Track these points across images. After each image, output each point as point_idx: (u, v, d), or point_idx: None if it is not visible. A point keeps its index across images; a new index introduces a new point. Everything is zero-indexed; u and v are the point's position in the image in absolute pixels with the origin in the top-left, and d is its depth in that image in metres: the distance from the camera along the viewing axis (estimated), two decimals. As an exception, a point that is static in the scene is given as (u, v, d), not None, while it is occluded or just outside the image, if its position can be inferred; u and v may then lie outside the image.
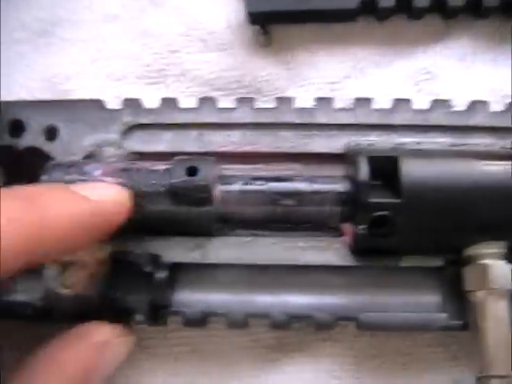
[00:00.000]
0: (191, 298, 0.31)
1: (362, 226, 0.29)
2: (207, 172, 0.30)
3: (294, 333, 0.32)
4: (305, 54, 0.37)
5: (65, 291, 0.31)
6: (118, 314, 0.30)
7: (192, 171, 0.30)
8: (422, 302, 0.31)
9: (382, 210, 0.29)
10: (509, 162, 0.30)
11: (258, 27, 0.37)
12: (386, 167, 0.30)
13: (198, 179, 0.30)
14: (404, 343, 0.32)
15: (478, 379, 0.29)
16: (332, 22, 0.37)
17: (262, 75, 0.36)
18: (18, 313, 0.31)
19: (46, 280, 0.31)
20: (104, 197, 0.27)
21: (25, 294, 0.31)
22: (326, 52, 0.37)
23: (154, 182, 0.30)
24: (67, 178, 0.31)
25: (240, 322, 0.30)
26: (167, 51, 0.37)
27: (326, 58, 0.37)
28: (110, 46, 0.37)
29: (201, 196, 0.30)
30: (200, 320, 0.30)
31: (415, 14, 0.36)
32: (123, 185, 0.30)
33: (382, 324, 0.30)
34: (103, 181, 0.30)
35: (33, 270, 0.30)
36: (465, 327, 0.30)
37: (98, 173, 0.31)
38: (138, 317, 0.30)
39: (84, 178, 0.31)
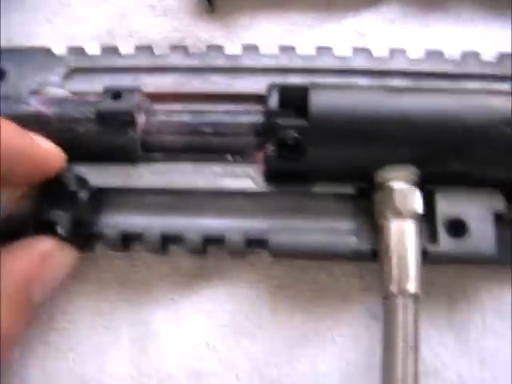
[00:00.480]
0: (114, 220, 0.32)
1: (271, 148, 0.31)
2: (131, 98, 0.32)
3: (212, 260, 0.33)
4: (245, 18, 0.40)
5: None
6: (43, 229, 0.31)
7: (116, 96, 0.32)
8: (335, 229, 0.32)
9: (291, 133, 0.31)
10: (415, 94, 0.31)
11: (202, -5, 0.40)
12: (297, 97, 0.31)
13: (122, 103, 0.32)
14: (320, 274, 0.33)
15: (384, 298, 0.29)
16: (271, -9, 0.40)
17: (204, 37, 0.39)
18: None
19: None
20: (44, 143, 0.30)
21: None
22: (264, 17, 0.39)
23: (83, 108, 0.33)
24: (5, 107, 0.33)
25: (157, 243, 0.32)
26: (117, 14, 0.40)
27: (263, 22, 0.39)
28: (65, 11, 0.40)
29: (125, 119, 0.32)
30: (120, 241, 0.32)
31: (348, -17, 0.39)
32: (56, 113, 0.33)
33: (292, 246, 0.31)
34: (40, 110, 0.33)
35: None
36: (375, 255, 0.31)
37: (34, 102, 0.33)
38: (60, 230, 0.31)
39: (21, 104, 0.33)
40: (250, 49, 0.35)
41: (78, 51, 0.37)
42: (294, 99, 0.31)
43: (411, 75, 0.34)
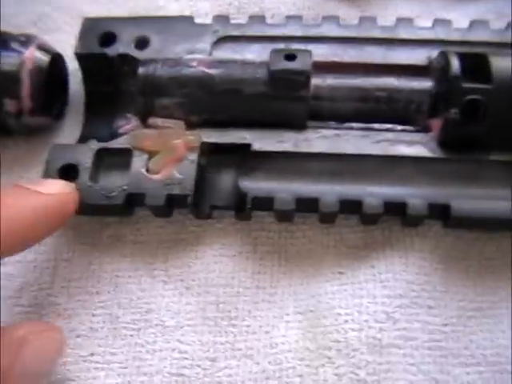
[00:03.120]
0: (281, 187, 0.31)
1: (454, 110, 0.30)
2: (305, 59, 0.31)
3: (379, 232, 0.32)
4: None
5: (152, 176, 0.31)
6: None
7: (290, 57, 0.31)
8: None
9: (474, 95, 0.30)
10: None
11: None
12: (474, 63, 0.31)
13: (297, 64, 0.31)
14: (488, 248, 0.32)
15: None
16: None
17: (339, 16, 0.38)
18: (102, 205, 0.31)
19: (133, 166, 0.31)
20: (53, 190, 0.29)
21: (110, 181, 0.31)
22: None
23: (250, 69, 0.31)
24: (164, 68, 0.32)
25: (333, 210, 0.30)
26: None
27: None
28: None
29: (299, 80, 0.31)
30: (291, 210, 0.30)
31: None
32: (220, 74, 0.31)
33: (474, 214, 0.30)
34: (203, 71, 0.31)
35: (118, 158, 0.31)
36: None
37: (194, 63, 0.32)
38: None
39: (181, 66, 0.32)
40: (404, 21, 0.35)
41: (223, 19, 0.35)
42: (472, 65, 0.31)
43: None
